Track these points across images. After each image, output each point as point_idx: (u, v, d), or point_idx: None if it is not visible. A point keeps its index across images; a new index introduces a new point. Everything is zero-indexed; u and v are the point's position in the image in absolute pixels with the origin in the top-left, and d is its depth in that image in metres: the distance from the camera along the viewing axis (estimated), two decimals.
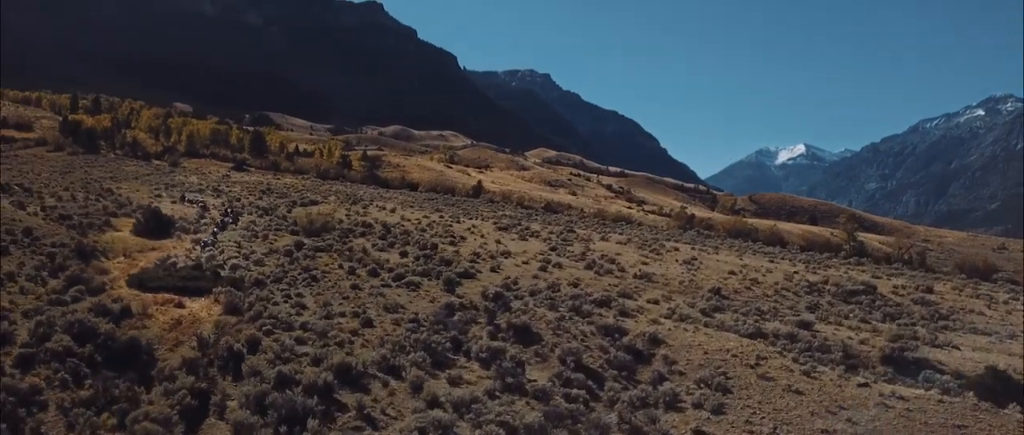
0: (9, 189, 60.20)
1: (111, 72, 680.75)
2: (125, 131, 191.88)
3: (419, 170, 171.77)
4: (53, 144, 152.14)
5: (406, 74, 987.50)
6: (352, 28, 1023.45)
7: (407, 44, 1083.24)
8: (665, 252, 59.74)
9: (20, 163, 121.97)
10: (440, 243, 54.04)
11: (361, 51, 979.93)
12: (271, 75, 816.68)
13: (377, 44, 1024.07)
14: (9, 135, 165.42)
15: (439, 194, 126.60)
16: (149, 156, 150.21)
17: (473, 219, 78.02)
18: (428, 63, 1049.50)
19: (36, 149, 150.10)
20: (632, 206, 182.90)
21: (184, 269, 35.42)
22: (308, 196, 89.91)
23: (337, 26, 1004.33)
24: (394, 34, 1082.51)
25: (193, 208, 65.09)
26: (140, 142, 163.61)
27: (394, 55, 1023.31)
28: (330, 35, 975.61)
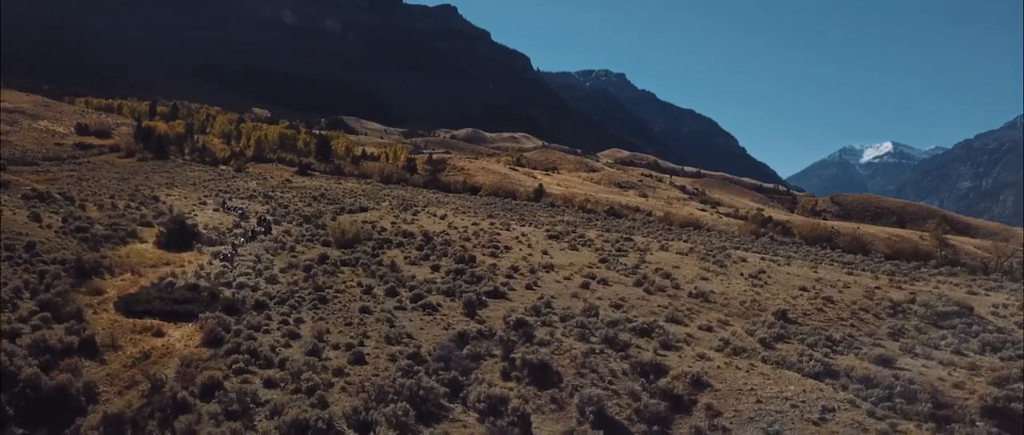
0: (48, 198, 59.07)
1: (196, 79, 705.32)
2: (198, 136, 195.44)
3: (483, 173, 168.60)
4: (126, 150, 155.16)
5: (480, 76, 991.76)
6: (427, 32, 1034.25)
7: (481, 46, 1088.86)
8: (730, 264, 54.20)
9: (90, 169, 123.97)
10: (480, 255, 50.09)
11: (436, 54, 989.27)
12: (347, 80, 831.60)
13: (451, 47, 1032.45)
14: (88, 142, 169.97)
15: (500, 198, 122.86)
16: (216, 161, 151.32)
17: (526, 226, 73.80)
18: (501, 65, 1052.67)
19: (109, 155, 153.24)
20: (705, 208, 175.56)
21: (180, 290, 32.39)
22: (361, 202, 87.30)
23: (412, 30, 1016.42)
24: (468, 37, 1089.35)
25: (231, 216, 62.88)
26: (209, 147, 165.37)
27: (468, 58, 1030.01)
28: (405, 39, 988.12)
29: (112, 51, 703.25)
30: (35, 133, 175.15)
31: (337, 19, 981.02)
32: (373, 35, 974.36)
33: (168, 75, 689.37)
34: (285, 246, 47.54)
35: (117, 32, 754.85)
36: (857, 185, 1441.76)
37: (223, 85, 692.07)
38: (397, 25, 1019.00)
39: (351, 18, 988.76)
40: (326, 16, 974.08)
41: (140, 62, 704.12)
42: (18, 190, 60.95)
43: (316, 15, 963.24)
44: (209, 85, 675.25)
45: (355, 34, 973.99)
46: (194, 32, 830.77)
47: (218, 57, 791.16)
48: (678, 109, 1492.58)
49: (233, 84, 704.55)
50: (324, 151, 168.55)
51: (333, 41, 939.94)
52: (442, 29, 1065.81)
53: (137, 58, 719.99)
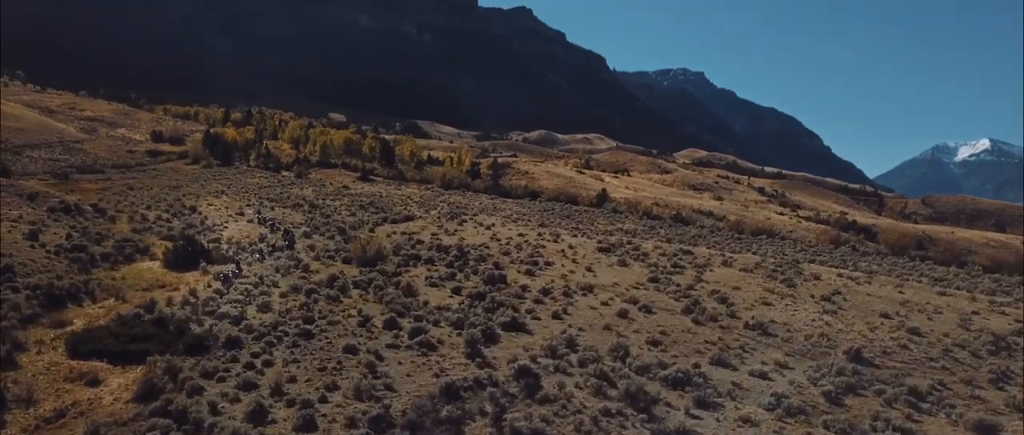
0: (75, 211, 57.12)
1: (278, 85, 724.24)
2: (267, 142, 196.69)
3: (548, 177, 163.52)
4: (193, 157, 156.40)
5: (554, 78, 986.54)
6: (502, 34, 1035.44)
7: (556, 48, 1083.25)
8: (800, 283, 47.77)
9: (151, 176, 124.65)
10: (514, 273, 45.38)
11: (511, 56, 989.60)
12: (424, 83, 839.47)
13: (526, 49, 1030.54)
14: (161, 149, 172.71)
15: (560, 203, 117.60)
16: (280, 167, 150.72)
17: (578, 235, 68.54)
18: (577, 66, 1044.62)
19: (178, 162, 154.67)
20: (784, 212, 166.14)
21: (145, 324, 28.67)
22: (410, 210, 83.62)
23: (488, 33, 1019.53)
24: (543, 38, 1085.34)
25: (259, 228, 59.67)
26: (274, 153, 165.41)
27: (543, 59, 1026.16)
28: (481, 42, 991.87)
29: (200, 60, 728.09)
30: (111, 141, 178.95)
31: (414, 23, 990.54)
32: (449, 38, 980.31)
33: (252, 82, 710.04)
34: (299, 264, 43.69)
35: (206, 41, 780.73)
36: (951, 185, 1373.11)
37: (304, 91, 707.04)
38: (473, 28, 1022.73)
39: (427, 21, 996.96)
40: (403, 20, 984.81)
41: (227, 70, 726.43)
42: (45, 202, 59.38)
43: (393, 19, 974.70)
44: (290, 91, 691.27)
45: (431, 37, 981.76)
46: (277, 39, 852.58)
47: (299, 63, 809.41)
48: (759, 107, 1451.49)
49: (313, 89, 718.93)
50: (388, 156, 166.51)
51: (410, 45, 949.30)
52: (517, 31, 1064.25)
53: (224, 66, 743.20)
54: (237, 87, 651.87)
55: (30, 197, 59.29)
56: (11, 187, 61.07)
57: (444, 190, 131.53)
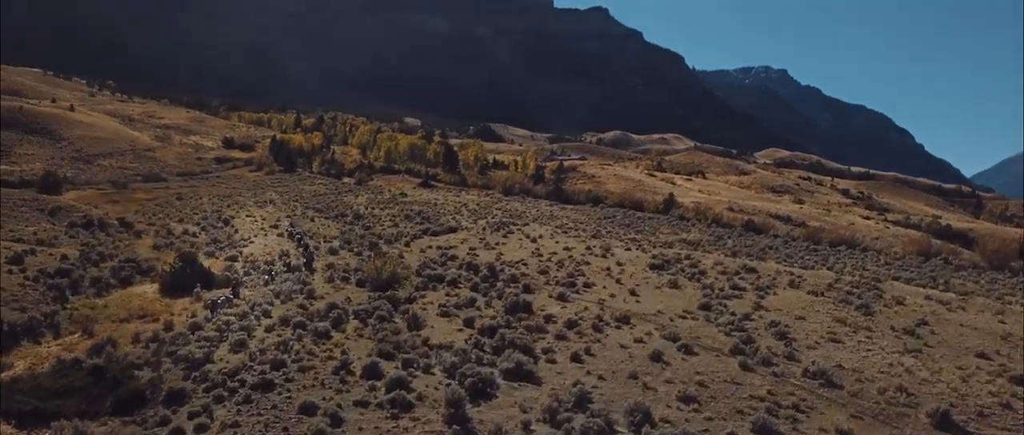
0: (99, 226, 54.83)
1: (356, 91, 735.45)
2: (334, 148, 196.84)
3: (614, 181, 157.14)
4: (257, 164, 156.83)
5: (631, 78, 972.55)
6: (577, 35, 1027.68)
7: (632, 47, 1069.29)
8: (880, 309, 41.09)
9: (210, 185, 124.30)
10: (545, 297, 40.62)
11: (586, 57, 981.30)
12: (498, 86, 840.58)
13: (602, 49, 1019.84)
14: (230, 156, 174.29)
15: (623, 209, 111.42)
16: (342, 174, 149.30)
17: (633, 248, 62.86)
18: (654, 65, 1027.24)
19: (242, 169, 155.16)
20: (870, 215, 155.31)
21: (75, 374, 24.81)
22: (457, 220, 79.47)
23: (563, 34, 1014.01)
24: (620, 38, 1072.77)
25: (287, 244, 56.10)
26: (339, 160, 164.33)
27: (619, 59, 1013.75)
28: (556, 43, 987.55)
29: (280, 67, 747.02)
30: (182, 149, 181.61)
31: (489, 26, 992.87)
32: (525, 40, 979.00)
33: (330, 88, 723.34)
34: (304, 289, 39.62)
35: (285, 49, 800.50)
36: None
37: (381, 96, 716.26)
38: (548, 29, 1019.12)
39: (503, 24, 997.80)
40: (479, 23, 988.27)
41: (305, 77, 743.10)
42: (68, 217, 57.48)
43: (469, 23, 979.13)
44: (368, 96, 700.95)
45: (507, 40, 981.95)
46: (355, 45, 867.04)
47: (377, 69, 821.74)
48: (846, 105, 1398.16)
49: (390, 94, 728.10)
50: (451, 161, 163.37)
51: (485, 48, 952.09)
52: (593, 31, 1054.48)
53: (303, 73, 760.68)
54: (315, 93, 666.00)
55: (52, 212, 57.52)
56: (35, 201, 59.49)
57: (504, 196, 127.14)
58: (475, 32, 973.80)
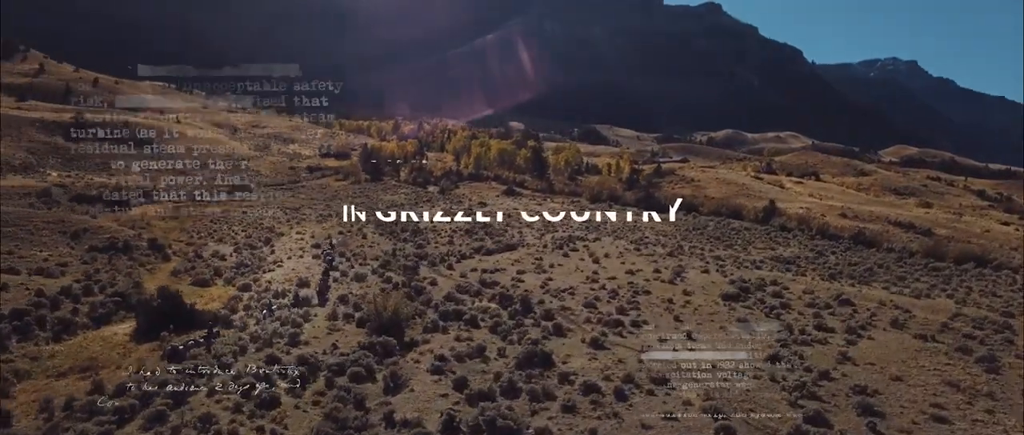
0: (124, 249, 51.65)
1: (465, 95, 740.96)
2: (425, 153, 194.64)
3: (715, 185, 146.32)
4: (345, 173, 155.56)
5: (745, 75, 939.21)
6: (689, 32, 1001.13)
7: (747, 43, 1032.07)
8: (1007, 365, 31.75)
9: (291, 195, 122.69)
10: (576, 341, 33.89)
11: (698, 54, 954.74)
12: (605, 85, 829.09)
13: (715, 46, 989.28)
14: (322, 164, 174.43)
15: (719, 218, 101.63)
16: (428, 182, 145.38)
17: (713, 270, 54.62)
18: (770, 61, 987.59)
19: (330, 179, 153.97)
20: (1011, 220, 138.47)
21: None
22: (520, 235, 73.03)
23: (674, 31, 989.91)
24: (734, 34, 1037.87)
25: (312, 269, 51.01)
26: (427, 167, 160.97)
27: (733, 56, 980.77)
28: (667, 41, 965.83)
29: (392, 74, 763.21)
30: (278, 158, 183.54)
31: (597, 25, 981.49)
32: (633, 39, 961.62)
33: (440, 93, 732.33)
34: (291, 332, 33.98)
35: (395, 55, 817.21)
36: None
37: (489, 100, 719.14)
38: (659, 28, 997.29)
39: (611, 24, 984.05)
40: (587, 23, 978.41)
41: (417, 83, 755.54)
42: (91, 239, 54.64)
43: (577, 23, 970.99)
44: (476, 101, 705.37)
45: (616, 40, 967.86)
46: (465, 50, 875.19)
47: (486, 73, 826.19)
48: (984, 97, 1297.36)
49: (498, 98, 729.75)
50: (539, 167, 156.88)
51: (593, 48, 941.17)
52: (706, 28, 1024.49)
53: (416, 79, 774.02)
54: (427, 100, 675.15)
55: (74, 235, 54.80)
56: (60, 223, 57.07)
57: (590, 203, 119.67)
58: (583, 32, 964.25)
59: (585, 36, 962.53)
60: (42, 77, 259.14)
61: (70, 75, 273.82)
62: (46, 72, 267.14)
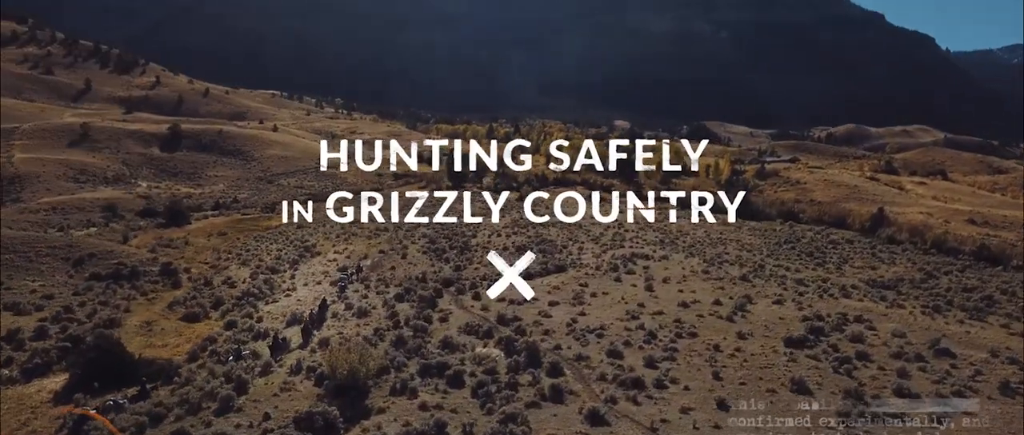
0: (130, 276, 48.42)
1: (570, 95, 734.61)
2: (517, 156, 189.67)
3: (823, 187, 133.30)
4: (427, 180, 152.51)
5: (870, 65, 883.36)
6: (808, 23, 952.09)
7: (872, 32, 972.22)
8: None
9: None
10: (573, 410, 26.97)
11: (817, 46, 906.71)
12: (718, 81, 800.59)
13: (836, 37, 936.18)
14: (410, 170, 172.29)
15: (820, 228, 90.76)
16: (510, 187, 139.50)
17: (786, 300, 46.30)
18: (897, 50, 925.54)
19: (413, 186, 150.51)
20: None
21: None
22: (577, 252, 66.11)
23: (791, 23, 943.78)
24: (857, 23, 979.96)
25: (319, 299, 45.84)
26: (511, 172, 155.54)
27: (856, 46, 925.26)
28: (784, 34, 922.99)
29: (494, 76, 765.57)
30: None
31: (709, 20, 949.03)
32: (747, 32, 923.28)
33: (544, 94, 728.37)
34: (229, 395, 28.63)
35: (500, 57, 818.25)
36: None
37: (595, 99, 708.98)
38: (774, 19, 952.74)
39: (724, 17, 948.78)
40: (699, 18, 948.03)
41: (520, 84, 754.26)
42: (92, 266, 51.61)
43: (688, 18, 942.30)
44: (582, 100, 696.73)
45: (728, 33, 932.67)
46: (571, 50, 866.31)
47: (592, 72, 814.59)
48: None
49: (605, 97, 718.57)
50: (626, 170, 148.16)
51: (705, 43, 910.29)
52: (826, 18, 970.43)
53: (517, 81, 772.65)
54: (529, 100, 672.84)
55: (78, 262, 51.88)
56: (67, 249, 54.39)
57: (680, 209, 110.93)
58: (695, 27, 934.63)
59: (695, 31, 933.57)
60: (157, 89, 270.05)
61: (184, 87, 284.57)
62: (162, 84, 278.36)
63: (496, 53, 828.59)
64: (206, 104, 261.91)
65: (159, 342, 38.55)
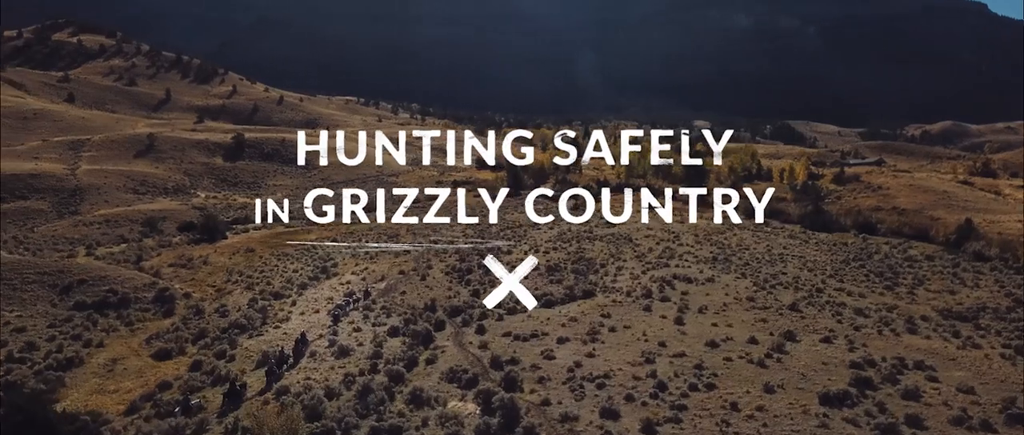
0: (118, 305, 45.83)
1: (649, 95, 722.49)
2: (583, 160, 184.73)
3: (908, 193, 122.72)
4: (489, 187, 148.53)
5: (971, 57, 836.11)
6: (902, 14, 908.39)
7: (973, 21, 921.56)
8: None
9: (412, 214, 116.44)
10: None
11: (912, 39, 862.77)
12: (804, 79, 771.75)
13: (934, 27, 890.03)
14: (470, 177, 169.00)
15: (896, 242, 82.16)
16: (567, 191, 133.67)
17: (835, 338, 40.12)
18: (1002, 40, 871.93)
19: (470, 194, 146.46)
20: None
21: None
22: (613, 273, 60.68)
23: (883, 16, 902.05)
24: (956, 13, 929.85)
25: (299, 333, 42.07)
26: (570, 179, 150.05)
27: (955, 37, 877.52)
28: (875, 27, 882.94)
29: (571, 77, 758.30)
30: (428, 172, 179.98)
31: (796, 15, 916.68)
32: (836, 27, 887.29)
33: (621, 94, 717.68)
34: None
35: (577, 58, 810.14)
36: None
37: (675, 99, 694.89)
38: (865, 12, 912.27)
39: (811, 12, 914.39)
40: (784, 14, 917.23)
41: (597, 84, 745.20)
42: (79, 294, 49.23)
43: (774, 14, 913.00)
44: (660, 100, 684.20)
45: (816, 29, 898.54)
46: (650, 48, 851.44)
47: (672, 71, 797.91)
48: None
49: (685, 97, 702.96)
50: (697, 175, 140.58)
51: (791, 39, 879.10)
52: (920, 9, 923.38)
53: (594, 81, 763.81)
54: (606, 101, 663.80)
55: (65, 289, 49.63)
56: (57, 275, 52.30)
57: (744, 218, 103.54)
58: (781, 23, 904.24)
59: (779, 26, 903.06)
60: (234, 98, 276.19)
61: (259, 95, 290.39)
62: (238, 93, 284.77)
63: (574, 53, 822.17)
64: (280, 112, 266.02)
65: (112, 386, 35.52)
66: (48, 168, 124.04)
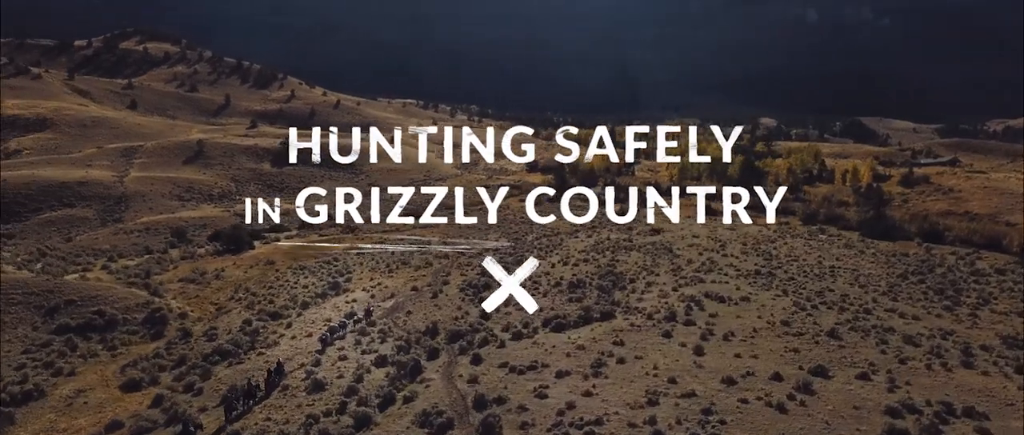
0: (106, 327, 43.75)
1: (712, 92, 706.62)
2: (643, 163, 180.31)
3: (981, 196, 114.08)
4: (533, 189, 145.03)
5: None
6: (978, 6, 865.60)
7: None
8: None
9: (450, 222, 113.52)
10: None
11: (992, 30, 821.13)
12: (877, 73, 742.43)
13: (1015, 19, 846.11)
14: (519, 181, 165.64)
15: (963, 252, 75.22)
16: (617, 198, 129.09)
17: (880, 371, 35.27)
18: None
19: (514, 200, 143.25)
20: None
21: None
22: (641, 289, 56.50)
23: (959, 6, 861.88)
24: None
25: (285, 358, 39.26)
26: (620, 183, 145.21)
27: None
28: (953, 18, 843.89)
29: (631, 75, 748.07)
30: (478, 176, 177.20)
31: (868, 8, 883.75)
32: (911, 19, 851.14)
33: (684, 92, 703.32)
34: None
35: (636, 56, 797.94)
36: None
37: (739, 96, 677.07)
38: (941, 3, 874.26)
39: (885, 3, 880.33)
40: (855, 7, 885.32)
41: (658, 83, 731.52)
42: (65, 315, 47.36)
43: (843, 7, 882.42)
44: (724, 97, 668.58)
45: (889, 21, 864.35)
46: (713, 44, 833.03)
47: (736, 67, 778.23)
48: None
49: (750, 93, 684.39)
50: (752, 177, 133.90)
51: (862, 33, 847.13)
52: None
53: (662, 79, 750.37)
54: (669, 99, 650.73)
55: (52, 310, 47.81)
56: (45, 295, 50.59)
57: (802, 224, 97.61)
58: (851, 16, 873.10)
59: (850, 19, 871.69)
60: (292, 102, 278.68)
61: (317, 99, 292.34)
62: (296, 97, 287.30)
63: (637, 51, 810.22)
64: (337, 115, 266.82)
65: (63, 424, 33.21)
66: (97, 176, 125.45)
